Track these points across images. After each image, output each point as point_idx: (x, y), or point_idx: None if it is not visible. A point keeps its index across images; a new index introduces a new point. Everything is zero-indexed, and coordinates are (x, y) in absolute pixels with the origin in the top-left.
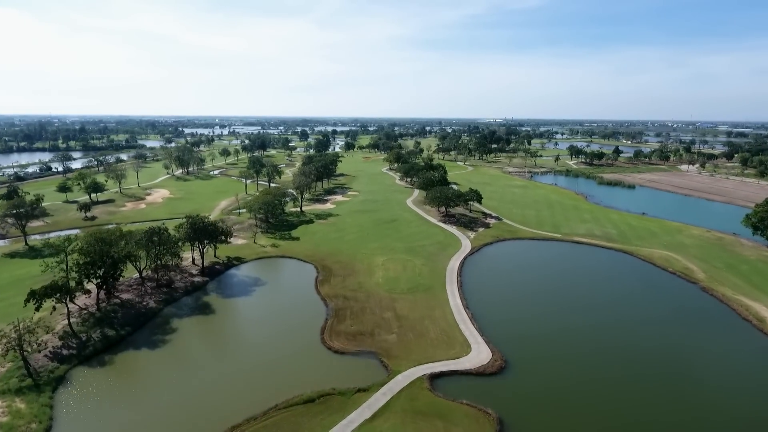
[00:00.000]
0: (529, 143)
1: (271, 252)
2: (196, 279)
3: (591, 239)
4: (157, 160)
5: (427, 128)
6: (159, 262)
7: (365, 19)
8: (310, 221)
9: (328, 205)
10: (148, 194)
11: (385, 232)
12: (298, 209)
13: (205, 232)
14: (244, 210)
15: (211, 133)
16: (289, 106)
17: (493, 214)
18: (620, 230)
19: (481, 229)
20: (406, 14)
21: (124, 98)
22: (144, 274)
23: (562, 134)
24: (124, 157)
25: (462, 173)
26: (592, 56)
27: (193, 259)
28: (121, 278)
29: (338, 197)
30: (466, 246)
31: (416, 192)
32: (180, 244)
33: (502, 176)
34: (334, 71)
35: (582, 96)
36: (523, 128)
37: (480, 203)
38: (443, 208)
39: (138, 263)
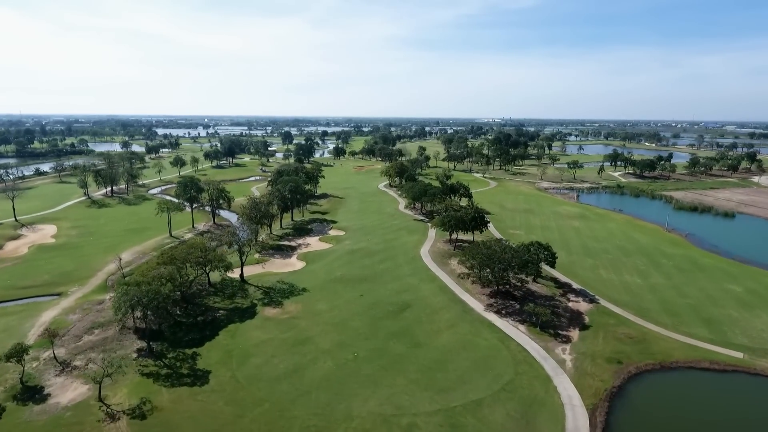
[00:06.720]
0: (550, 147)
1: None
2: None
3: None
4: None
5: (427, 128)
6: None
7: (360, 19)
8: (250, 311)
9: (293, 261)
10: (20, 235)
11: (391, 346)
12: (238, 275)
13: None
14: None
15: (188, 134)
16: (283, 106)
17: (575, 285)
18: None
19: (573, 333)
20: (401, 14)
21: (118, 97)
22: None
23: (576, 136)
24: (46, 168)
25: (484, 191)
26: (588, 56)
27: None
28: None
29: (313, 242)
30: (572, 401)
31: (433, 233)
32: None
33: (541, 196)
34: (329, 71)
35: (579, 96)
36: (525, 129)
37: (554, 266)
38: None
39: None
